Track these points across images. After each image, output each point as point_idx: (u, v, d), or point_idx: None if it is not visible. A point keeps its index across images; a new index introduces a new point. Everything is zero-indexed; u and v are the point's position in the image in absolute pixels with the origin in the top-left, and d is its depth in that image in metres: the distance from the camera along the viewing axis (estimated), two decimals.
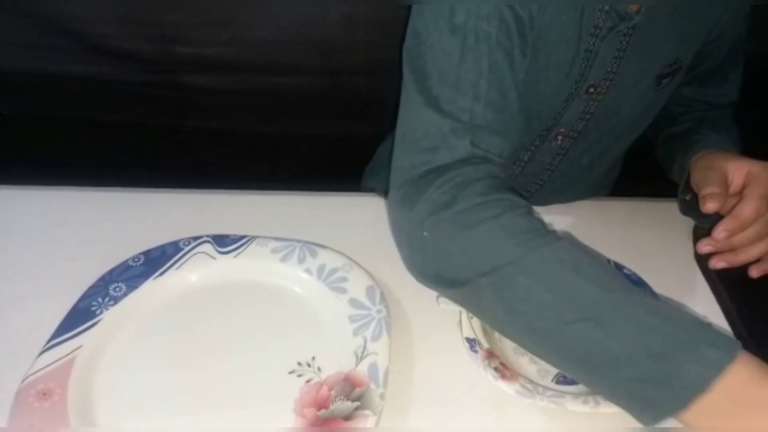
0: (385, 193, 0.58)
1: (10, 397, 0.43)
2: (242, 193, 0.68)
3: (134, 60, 0.80)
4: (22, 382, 0.44)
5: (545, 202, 0.72)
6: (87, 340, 0.48)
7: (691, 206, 0.59)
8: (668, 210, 0.68)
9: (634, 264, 0.56)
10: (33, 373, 0.45)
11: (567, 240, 0.44)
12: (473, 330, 0.49)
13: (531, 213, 0.45)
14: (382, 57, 0.71)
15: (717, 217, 0.54)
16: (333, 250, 0.58)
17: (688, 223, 0.66)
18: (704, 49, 0.64)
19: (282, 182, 0.74)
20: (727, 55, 0.67)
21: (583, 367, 0.40)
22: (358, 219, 0.65)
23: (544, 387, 0.47)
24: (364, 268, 0.56)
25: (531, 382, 0.47)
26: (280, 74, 0.82)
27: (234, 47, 0.79)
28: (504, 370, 0.46)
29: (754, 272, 0.55)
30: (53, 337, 0.47)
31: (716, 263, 0.55)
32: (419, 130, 0.49)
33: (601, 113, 0.61)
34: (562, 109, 0.60)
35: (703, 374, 0.36)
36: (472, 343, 0.48)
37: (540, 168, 0.70)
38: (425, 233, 0.45)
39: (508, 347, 0.52)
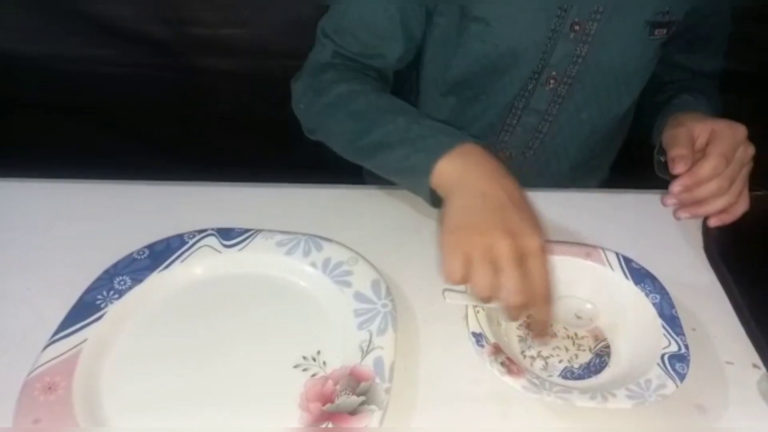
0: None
1: (16, 390, 0.43)
2: (247, 186, 0.68)
3: (148, 42, 0.80)
4: (28, 375, 0.44)
5: (546, 165, 0.75)
6: (92, 333, 0.48)
7: (664, 167, 0.60)
8: None
9: (642, 257, 0.56)
10: (38, 367, 0.45)
11: (387, 94, 0.64)
12: (479, 324, 0.49)
13: (367, 82, 0.64)
14: None
15: None
16: (338, 243, 0.57)
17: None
18: (696, 15, 0.66)
19: (294, 168, 0.74)
20: (716, 23, 0.70)
21: (371, 157, 0.59)
22: (364, 212, 0.64)
23: (551, 382, 0.46)
24: (369, 262, 0.55)
25: (538, 377, 0.46)
26: (292, 56, 0.81)
27: (248, 29, 0.79)
28: (510, 365, 0.46)
29: (712, 222, 0.58)
30: (58, 330, 0.47)
31: (679, 213, 0.58)
32: (316, 45, 0.69)
33: (593, 58, 0.64)
34: (548, 48, 0.64)
35: (437, 150, 0.52)
36: (478, 337, 0.48)
37: (537, 118, 0.71)
38: (301, 105, 0.66)
39: (513, 341, 0.52)
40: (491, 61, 0.67)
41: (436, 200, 0.54)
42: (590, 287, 0.55)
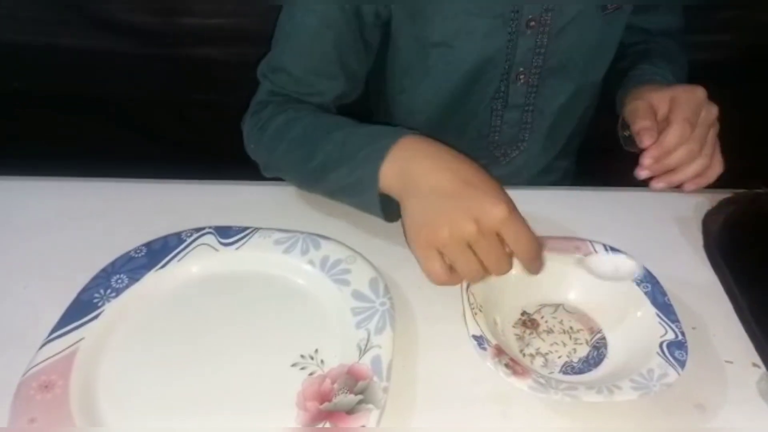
0: None
1: (12, 389, 0.43)
2: (245, 184, 0.67)
3: (139, 32, 0.80)
4: (24, 374, 0.44)
5: (544, 155, 0.76)
6: (89, 332, 0.48)
7: (630, 141, 0.60)
8: (677, 201, 0.67)
9: (642, 256, 0.55)
10: (35, 365, 0.44)
11: (325, 113, 0.64)
12: (479, 326, 0.48)
13: (303, 108, 0.64)
14: None
15: None
16: (336, 241, 0.57)
17: (698, 213, 0.65)
18: None
19: None
20: None
21: (319, 183, 0.59)
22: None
23: (556, 380, 0.46)
24: (367, 260, 0.55)
25: (543, 376, 0.46)
26: None
27: (237, 18, 0.79)
28: (515, 365, 0.46)
29: (687, 186, 0.58)
30: (55, 329, 0.47)
31: (654, 183, 0.58)
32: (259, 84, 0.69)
33: (555, 46, 0.65)
34: (510, 49, 0.65)
35: (376, 154, 0.51)
36: (479, 340, 0.47)
37: (518, 113, 0.72)
38: (251, 145, 0.66)
39: (511, 340, 0.52)
40: (460, 77, 0.68)
41: (389, 214, 0.54)
42: (581, 280, 0.55)
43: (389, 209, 0.54)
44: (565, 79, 0.70)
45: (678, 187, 0.58)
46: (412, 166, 0.49)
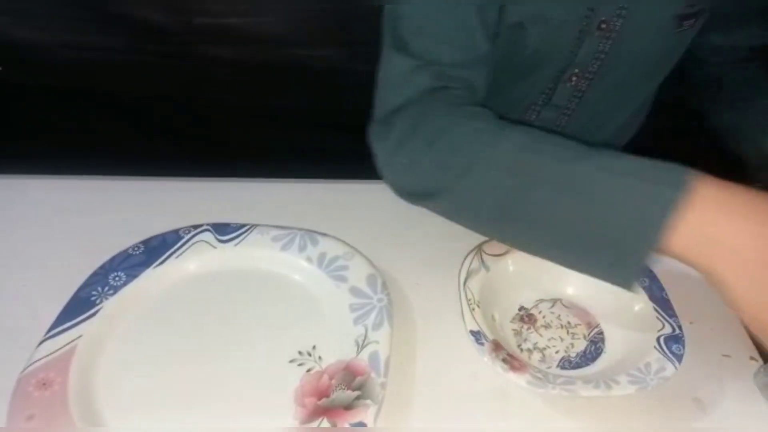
0: None
1: (11, 386, 0.43)
2: (243, 181, 0.67)
3: (153, 31, 0.80)
4: (23, 371, 0.44)
5: None
6: (87, 329, 0.48)
7: None
8: None
9: None
10: (33, 363, 0.44)
11: (522, 127, 0.46)
12: (476, 322, 0.48)
13: (490, 116, 0.48)
14: None
15: None
16: (334, 238, 0.57)
17: None
18: None
19: (298, 156, 0.73)
20: None
21: (553, 237, 0.42)
22: (360, 206, 0.64)
23: (554, 375, 0.46)
24: (365, 257, 0.55)
25: (540, 371, 0.46)
26: (297, 45, 0.81)
27: (251, 18, 0.79)
28: (513, 361, 0.46)
29: None
30: (53, 326, 0.47)
31: None
32: (389, 70, 0.54)
33: (616, 53, 0.61)
34: (574, 48, 0.60)
35: (661, 211, 0.37)
36: (477, 335, 0.47)
37: (556, 113, 0.69)
38: (401, 159, 0.49)
39: (509, 336, 0.52)
40: (520, 62, 0.63)
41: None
42: (578, 275, 0.55)
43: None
44: (614, 90, 0.66)
45: None
46: (722, 229, 0.37)
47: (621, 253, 0.39)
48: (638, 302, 0.51)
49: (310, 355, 0.48)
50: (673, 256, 0.39)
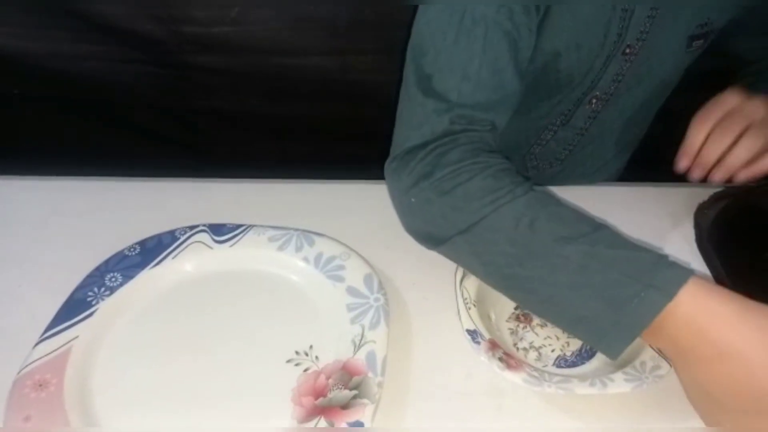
0: None
1: (7, 387, 0.43)
2: (239, 182, 0.67)
3: (141, 40, 0.80)
4: (19, 372, 0.44)
5: (571, 172, 0.73)
6: (83, 330, 0.48)
7: None
8: (670, 196, 0.67)
9: None
10: (29, 364, 0.44)
11: (536, 193, 0.47)
12: (472, 321, 0.49)
13: (502, 172, 0.48)
14: (389, 35, 0.70)
15: None
16: (330, 238, 0.57)
17: (690, 208, 0.65)
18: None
19: (289, 164, 0.73)
20: None
21: (546, 308, 0.45)
22: (356, 207, 0.64)
23: (549, 373, 0.46)
24: (361, 256, 0.55)
25: (537, 370, 0.46)
26: (286, 54, 0.81)
27: (240, 27, 0.79)
28: (509, 359, 0.46)
29: (740, 176, 0.56)
30: (49, 327, 0.47)
31: (713, 177, 0.57)
32: (410, 107, 0.53)
33: (633, 75, 0.62)
34: (600, 72, 0.61)
35: (648, 307, 0.39)
36: (473, 334, 0.48)
37: (571, 133, 0.70)
38: (412, 200, 0.50)
39: (505, 335, 0.52)
40: (549, 84, 0.63)
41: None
42: None
43: None
44: (627, 110, 0.68)
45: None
46: (711, 306, 0.39)
47: (602, 334, 0.41)
48: None
49: (307, 354, 0.48)
50: (656, 345, 0.43)
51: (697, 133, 0.56)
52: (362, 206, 0.64)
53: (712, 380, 0.39)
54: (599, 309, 0.41)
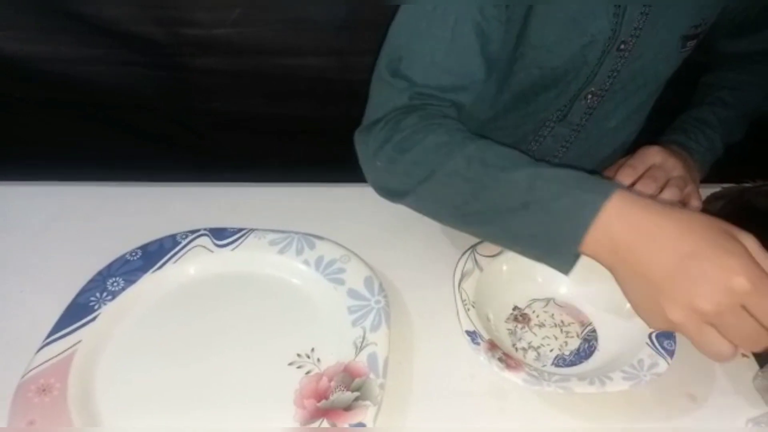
0: None
1: (11, 392, 0.43)
2: (239, 186, 0.68)
3: (143, 43, 0.80)
4: (22, 377, 0.44)
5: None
6: (86, 335, 0.48)
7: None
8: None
9: None
10: (33, 369, 0.45)
11: (486, 140, 0.52)
12: (471, 322, 0.49)
13: (455, 130, 0.53)
14: None
15: None
16: (331, 241, 0.58)
17: None
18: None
19: (290, 165, 0.73)
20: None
21: (503, 235, 0.50)
22: (356, 210, 0.65)
23: (549, 373, 0.47)
24: (362, 259, 0.56)
25: (536, 369, 0.47)
26: (287, 55, 0.82)
27: (241, 28, 0.79)
28: (508, 359, 0.46)
29: None
30: (52, 332, 0.47)
31: None
32: (378, 86, 0.59)
33: (627, 71, 0.64)
34: (595, 67, 0.63)
35: (582, 213, 0.43)
36: (473, 336, 0.48)
37: (568, 129, 0.71)
38: (378, 163, 0.55)
39: (504, 335, 0.52)
40: (544, 81, 0.65)
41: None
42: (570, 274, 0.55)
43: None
44: (620, 104, 0.69)
45: None
46: (633, 215, 0.42)
47: (553, 246, 0.45)
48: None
49: (308, 357, 0.49)
50: (592, 256, 0.44)
51: (624, 183, 0.59)
52: (362, 209, 0.64)
53: (649, 262, 0.41)
54: (547, 222, 0.45)
